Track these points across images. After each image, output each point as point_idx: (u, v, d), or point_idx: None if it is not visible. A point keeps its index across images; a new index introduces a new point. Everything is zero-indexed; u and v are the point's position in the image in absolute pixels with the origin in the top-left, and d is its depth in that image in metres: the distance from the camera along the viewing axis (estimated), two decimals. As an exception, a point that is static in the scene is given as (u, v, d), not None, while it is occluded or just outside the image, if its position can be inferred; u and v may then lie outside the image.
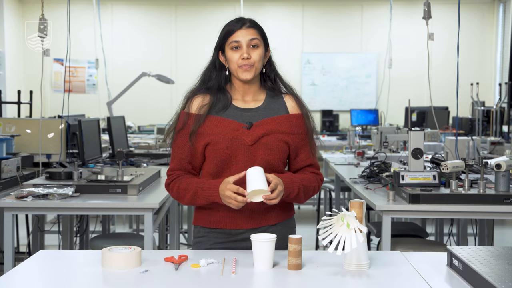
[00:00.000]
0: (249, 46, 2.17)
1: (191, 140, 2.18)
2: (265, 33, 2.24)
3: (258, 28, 2.21)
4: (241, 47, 2.16)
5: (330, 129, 9.18)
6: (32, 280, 1.88)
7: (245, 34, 2.17)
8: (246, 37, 2.17)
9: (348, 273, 1.89)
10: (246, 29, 2.18)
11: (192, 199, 2.16)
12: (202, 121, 2.17)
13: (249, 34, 2.17)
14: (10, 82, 9.07)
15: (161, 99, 9.63)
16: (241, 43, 2.16)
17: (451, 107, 7.76)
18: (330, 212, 1.93)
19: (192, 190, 2.15)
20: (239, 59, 2.16)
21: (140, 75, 6.25)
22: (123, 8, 9.94)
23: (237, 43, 2.17)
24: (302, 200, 2.21)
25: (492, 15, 9.85)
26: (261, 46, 2.20)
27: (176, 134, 2.22)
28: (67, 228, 4.51)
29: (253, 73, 2.18)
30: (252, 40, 2.17)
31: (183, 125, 2.20)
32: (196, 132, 2.17)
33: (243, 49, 2.16)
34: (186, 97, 2.26)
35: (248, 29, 2.18)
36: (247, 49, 2.16)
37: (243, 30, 2.17)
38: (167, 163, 4.66)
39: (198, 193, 2.14)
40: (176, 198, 2.24)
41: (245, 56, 2.15)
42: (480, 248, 1.93)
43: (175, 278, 1.84)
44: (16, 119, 4.70)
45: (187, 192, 2.17)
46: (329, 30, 9.90)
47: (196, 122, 2.18)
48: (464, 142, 4.27)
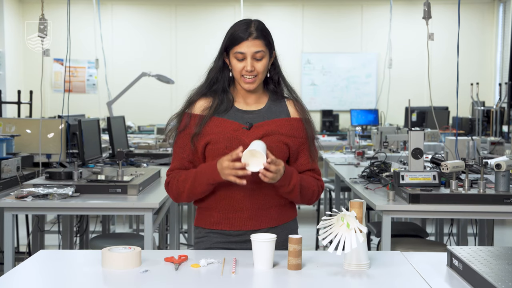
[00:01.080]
0: (254, 58, 2.15)
1: (193, 141, 2.17)
2: (271, 40, 2.20)
3: (264, 38, 2.17)
4: (246, 58, 2.14)
5: (330, 129, 9.18)
6: (32, 280, 1.88)
7: (250, 46, 2.14)
8: (252, 48, 2.14)
9: (348, 273, 1.89)
10: (253, 41, 2.14)
11: (192, 187, 2.13)
12: (205, 123, 2.17)
13: (254, 45, 2.14)
14: (10, 82, 9.07)
15: (161, 99, 9.63)
16: (245, 55, 2.14)
17: (451, 107, 7.76)
18: (330, 212, 1.93)
19: (191, 177, 2.13)
20: (242, 69, 2.15)
21: (140, 75, 6.25)
22: (123, 8, 9.94)
23: (242, 55, 2.14)
24: (298, 198, 2.18)
25: (492, 15, 9.85)
26: (266, 56, 2.17)
27: (178, 135, 2.22)
28: (67, 228, 4.51)
29: (256, 84, 2.18)
30: (257, 53, 2.15)
31: (185, 126, 2.20)
32: (198, 134, 2.17)
33: (247, 61, 2.14)
34: (189, 98, 2.24)
35: (255, 40, 2.14)
36: (251, 61, 2.14)
37: (249, 41, 2.14)
38: (167, 163, 4.68)
39: (198, 177, 2.12)
40: (175, 195, 2.21)
41: (249, 69, 2.14)
42: (480, 248, 1.93)
43: (175, 278, 1.84)
44: (16, 119, 4.70)
45: (186, 182, 2.14)
46: (329, 30, 9.90)
47: (199, 123, 2.17)
48: (464, 142, 4.27)
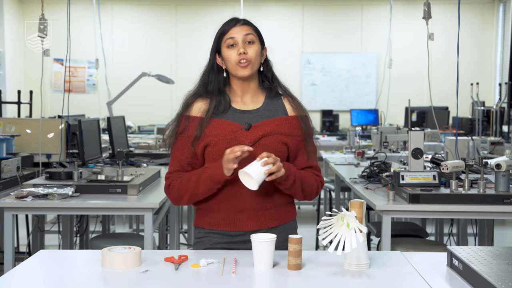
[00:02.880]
0: (245, 42, 2.18)
1: (193, 145, 2.17)
2: (259, 31, 2.25)
3: (252, 26, 2.23)
4: (237, 43, 2.18)
5: (330, 129, 9.18)
6: (32, 280, 1.88)
7: (239, 31, 2.19)
8: (241, 33, 2.19)
9: (348, 273, 1.89)
10: (240, 26, 2.20)
11: (195, 187, 2.13)
12: (205, 125, 2.17)
13: (243, 30, 2.19)
14: (10, 82, 9.07)
15: (161, 99, 9.64)
16: (236, 39, 2.18)
17: (451, 107, 7.76)
18: (330, 212, 1.93)
19: (194, 178, 2.13)
20: (236, 55, 2.17)
21: (140, 75, 6.25)
22: (123, 8, 9.94)
23: (232, 40, 2.18)
24: (299, 193, 2.18)
25: (492, 15, 9.85)
26: (257, 42, 2.21)
27: (176, 138, 2.21)
28: (67, 228, 4.51)
29: (250, 69, 2.18)
30: (247, 35, 2.19)
31: (184, 129, 2.20)
32: (198, 137, 2.16)
33: (239, 45, 2.17)
34: (186, 101, 2.25)
35: (243, 26, 2.20)
36: (243, 45, 2.18)
37: (238, 27, 2.19)
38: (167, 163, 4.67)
39: (201, 176, 2.12)
40: (176, 198, 2.21)
41: (242, 51, 2.16)
42: (480, 248, 1.93)
43: (175, 278, 1.84)
44: (16, 119, 4.70)
45: (190, 183, 2.14)
46: (329, 30, 9.90)
47: (198, 126, 2.17)
48: (464, 142, 4.27)
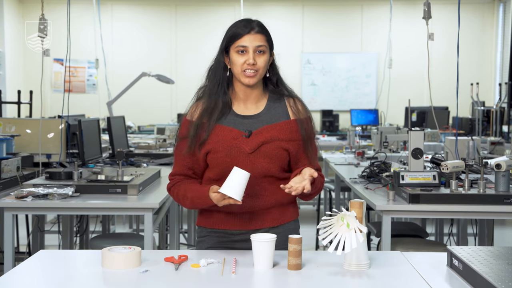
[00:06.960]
0: (256, 52, 2.15)
1: (193, 149, 2.18)
2: (271, 38, 2.22)
3: (265, 34, 2.19)
4: (247, 52, 2.15)
5: (330, 129, 9.18)
6: (32, 280, 1.88)
7: (252, 40, 2.15)
8: (254, 42, 2.15)
9: (348, 273, 1.89)
10: (254, 35, 2.15)
11: (193, 206, 2.20)
12: (208, 135, 2.16)
13: (256, 40, 2.15)
14: (10, 82, 9.07)
15: (161, 99, 9.64)
16: (247, 48, 2.15)
17: (451, 107, 7.76)
18: (330, 212, 1.93)
19: (189, 198, 2.18)
20: (244, 63, 2.15)
21: (140, 75, 6.25)
22: (123, 8, 9.94)
23: (243, 48, 2.15)
24: (308, 198, 2.20)
25: (492, 15, 9.85)
26: (267, 52, 2.18)
27: (179, 141, 2.23)
28: (67, 228, 4.51)
29: (256, 79, 2.17)
30: (259, 46, 2.15)
31: (185, 134, 2.20)
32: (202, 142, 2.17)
33: (249, 55, 2.14)
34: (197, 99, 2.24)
35: (256, 34, 2.16)
36: (253, 55, 2.14)
37: (251, 35, 2.15)
38: (167, 163, 4.69)
39: (195, 202, 2.16)
40: (177, 202, 2.29)
41: (251, 62, 2.13)
42: (480, 248, 1.93)
43: (175, 278, 1.85)
44: (16, 119, 4.70)
45: (186, 199, 2.19)
46: (329, 30, 9.90)
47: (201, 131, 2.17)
48: (464, 142, 4.26)
